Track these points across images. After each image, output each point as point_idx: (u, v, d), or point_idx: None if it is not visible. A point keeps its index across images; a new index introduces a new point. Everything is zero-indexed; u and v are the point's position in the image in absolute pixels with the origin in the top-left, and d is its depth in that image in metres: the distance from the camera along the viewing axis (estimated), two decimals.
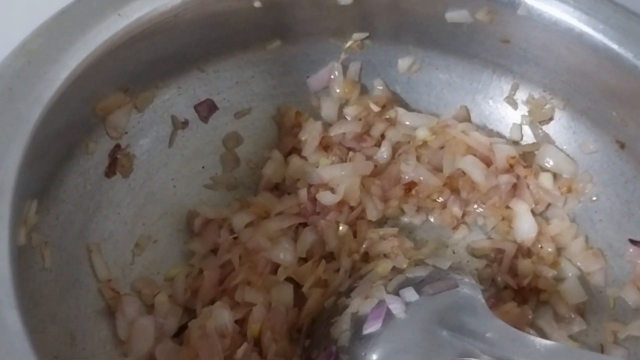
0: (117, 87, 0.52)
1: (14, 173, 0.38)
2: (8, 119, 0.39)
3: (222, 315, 0.47)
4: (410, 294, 0.45)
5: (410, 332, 0.43)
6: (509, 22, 0.54)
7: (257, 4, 0.54)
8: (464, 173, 0.58)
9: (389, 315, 0.44)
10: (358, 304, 0.46)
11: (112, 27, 0.46)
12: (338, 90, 0.63)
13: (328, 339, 0.46)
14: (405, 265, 0.49)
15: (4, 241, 0.35)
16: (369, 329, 0.43)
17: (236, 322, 0.49)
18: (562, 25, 0.51)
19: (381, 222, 0.59)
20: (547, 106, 0.59)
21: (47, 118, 0.41)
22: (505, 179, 0.57)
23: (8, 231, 0.35)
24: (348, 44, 0.62)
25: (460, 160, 0.57)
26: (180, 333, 0.50)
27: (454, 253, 0.58)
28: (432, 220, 0.60)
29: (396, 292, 0.45)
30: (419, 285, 0.46)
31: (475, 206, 0.58)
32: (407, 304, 0.44)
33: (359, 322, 0.45)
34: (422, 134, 0.59)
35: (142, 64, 0.52)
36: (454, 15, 0.56)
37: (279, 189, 0.59)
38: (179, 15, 0.50)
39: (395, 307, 0.44)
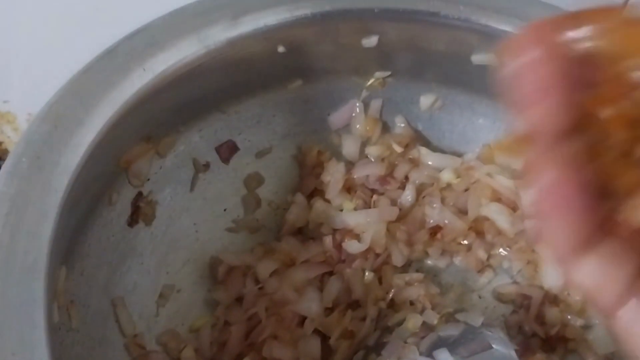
0: (141, 137, 0.51)
1: (47, 248, 0.37)
2: (38, 192, 0.38)
3: None
4: (444, 357, 0.44)
5: None
6: None
7: (280, 49, 0.53)
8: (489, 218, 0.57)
9: None
10: None
11: (137, 83, 0.45)
12: (359, 128, 0.62)
13: None
14: (436, 322, 0.48)
15: (40, 329, 0.34)
16: None
17: None
18: None
19: (405, 265, 0.58)
20: None
21: (74, 183, 0.40)
22: (532, 224, 0.56)
23: (44, 315, 0.34)
24: (370, 82, 0.61)
25: (486, 207, 0.56)
26: None
27: (479, 298, 0.57)
28: (457, 263, 0.59)
29: (429, 353, 0.45)
30: (452, 345, 0.45)
31: (501, 249, 0.58)
32: None
33: None
34: (446, 176, 0.58)
35: (165, 112, 0.51)
36: (479, 58, 0.55)
37: (302, 232, 0.58)
38: (203, 64, 0.49)
39: None
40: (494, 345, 0.45)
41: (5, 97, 0.73)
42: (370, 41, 0.55)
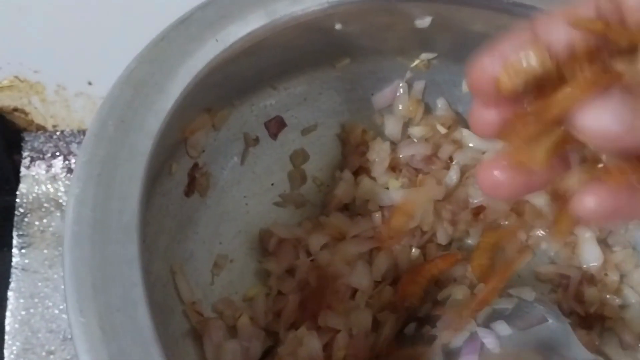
0: (204, 109, 0.52)
1: (138, 208, 0.38)
2: (126, 154, 0.39)
3: (312, 343, 0.48)
4: (503, 328, 0.46)
5: None
6: None
7: (338, 26, 0.54)
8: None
9: (483, 349, 0.45)
10: (448, 336, 0.47)
11: (211, 53, 0.46)
12: (402, 108, 0.63)
13: None
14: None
15: (139, 286, 0.34)
16: None
17: None
18: None
19: (447, 244, 0.60)
20: None
21: (156, 149, 0.41)
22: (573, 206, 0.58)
23: (140, 274, 0.35)
24: (415, 63, 0.62)
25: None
26: (263, 357, 0.50)
27: (519, 277, 0.59)
28: None
29: (486, 325, 0.47)
30: (508, 318, 0.47)
31: (540, 231, 0.60)
32: (499, 338, 0.45)
33: (451, 354, 0.46)
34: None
35: (227, 85, 0.52)
36: None
37: (348, 209, 0.60)
38: (267, 39, 0.50)
39: (489, 341, 0.45)
40: (549, 319, 0.47)
41: (36, 67, 0.72)
42: (424, 22, 0.56)
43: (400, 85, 0.63)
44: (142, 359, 0.32)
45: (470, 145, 0.62)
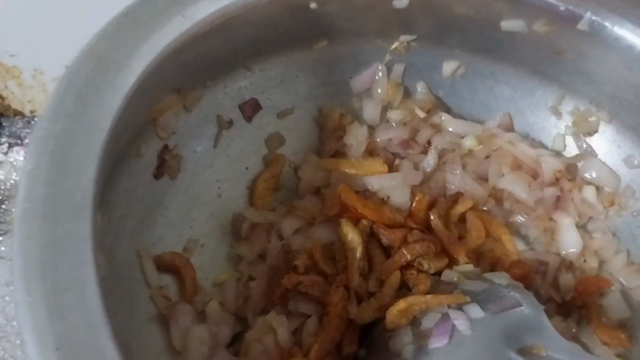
0: (172, 89, 0.50)
1: (92, 187, 0.36)
2: (84, 130, 0.38)
3: (281, 329, 0.47)
4: (475, 310, 0.45)
5: (476, 349, 0.43)
6: (566, 35, 0.54)
7: (313, 5, 0.53)
8: None
9: (454, 330, 0.44)
10: (418, 317, 0.46)
11: (177, 29, 0.45)
12: (381, 92, 0.62)
13: (387, 352, 0.46)
14: (455, 279, 0.49)
15: (90, 267, 0.33)
16: (436, 343, 0.43)
17: None
18: (624, 43, 0.51)
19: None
20: (593, 118, 0.59)
21: (117, 126, 0.40)
22: (551, 192, 0.57)
23: (92, 253, 0.34)
24: (394, 46, 0.61)
25: (503, 179, 0.57)
26: (232, 342, 0.49)
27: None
28: None
29: (459, 307, 0.45)
30: (482, 302, 0.46)
31: (519, 217, 0.59)
32: (471, 320, 0.44)
33: (422, 335, 0.45)
34: (468, 143, 0.59)
35: (198, 65, 0.51)
36: (509, 25, 0.55)
37: (322, 192, 0.58)
38: (238, 16, 0.49)
39: (461, 322, 0.44)
40: (522, 304, 0.46)
41: (12, 50, 0.71)
42: (402, 2, 0.54)
43: (379, 68, 0.62)
44: (90, 340, 0.31)
45: (450, 129, 0.61)
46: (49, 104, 0.38)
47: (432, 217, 0.54)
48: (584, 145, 0.60)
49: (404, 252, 0.51)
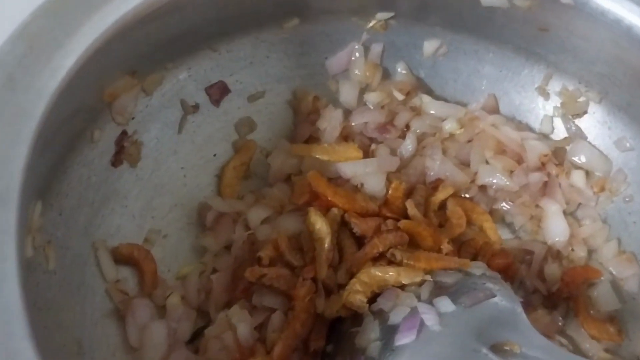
0: (125, 71, 0.47)
1: (20, 176, 0.34)
2: (10, 115, 0.35)
3: (242, 324, 0.44)
4: (445, 304, 0.42)
5: (446, 346, 0.40)
6: (550, 9, 0.50)
7: None
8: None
9: (422, 326, 0.41)
10: (386, 311, 0.43)
11: (122, 7, 0.42)
12: (358, 73, 0.59)
13: (354, 348, 0.43)
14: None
15: (11, 261, 0.31)
16: (402, 340, 0.40)
17: None
18: (610, 16, 0.48)
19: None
20: (582, 99, 0.56)
21: (52, 110, 0.37)
22: (536, 178, 0.54)
23: (15, 246, 0.31)
24: (371, 24, 0.57)
25: (484, 170, 0.54)
26: (194, 339, 0.47)
27: None
28: None
29: (429, 301, 0.42)
30: (454, 294, 0.42)
31: (503, 204, 0.55)
32: (441, 315, 0.41)
33: (389, 331, 0.42)
34: (449, 126, 0.56)
35: (152, 45, 0.48)
36: (489, 0, 0.52)
37: (292, 180, 0.55)
38: None
39: (429, 317, 0.41)
40: (497, 295, 0.42)
41: None
42: None
43: (356, 47, 0.58)
44: (4, 340, 0.29)
45: (431, 112, 0.57)
46: None
47: (408, 208, 0.51)
48: (573, 128, 0.57)
49: (377, 242, 0.48)
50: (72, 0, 0.40)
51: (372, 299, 0.45)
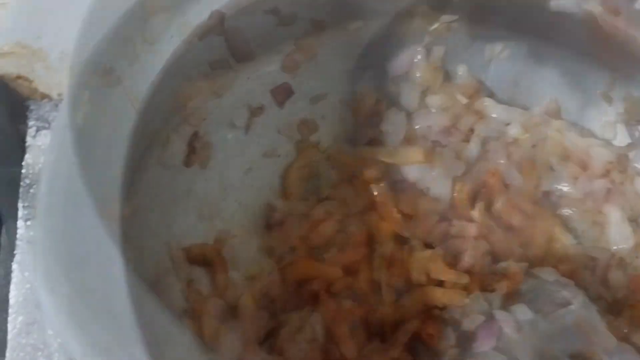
0: (201, 73, 0.48)
1: (119, 180, 0.34)
2: (108, 118, 0.36)
3: (315, 325, 0.45)
4: (523, 311, 0.42)
5: (525, 354, 0.40)
6: (622, 15, 0.50)
7: None
8: None
9: (501, 333, 0.41)
10: (460, 317, 0.43)
11: (208, 9, 0.42)
12: (419, 76, 0.59)
13: (429, 352, 0.44)
14: None
15: (119, 263, 0.31)
16: (481, 347, 0.41)
17: None
18: None
19: None
20: None
21: (146, 111, 0.38)
22: (600, 185, 0.54)
23: (120, 252, 0.32)
24: (434, 27, 0.57)
25: (549, 177, 0.54)
26: (266, 339, 0.47)
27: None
28: None
29: (505, 308, 0.43)
30: (529, 302, 0.43)
31: (567, 209, 0.55)
32: (519, 322, 0.42)
33: (465, 338, 0.42)
34: (514, 131, 0.56)
35: (225, 49, 0.48)
36: (559, 4, 0.51)
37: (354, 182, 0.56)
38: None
39: (507, 324, 0.41)
40: (574, 303, 0.43)
41: (39, 33, 0.69)
42: None
43: (418, 50, 0.58)
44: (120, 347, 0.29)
45: (494, 115, 0.57)
46: (70, 90, 0.36)
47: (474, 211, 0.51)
48: (637, 134, 0.56)
49: None
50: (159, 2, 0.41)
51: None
